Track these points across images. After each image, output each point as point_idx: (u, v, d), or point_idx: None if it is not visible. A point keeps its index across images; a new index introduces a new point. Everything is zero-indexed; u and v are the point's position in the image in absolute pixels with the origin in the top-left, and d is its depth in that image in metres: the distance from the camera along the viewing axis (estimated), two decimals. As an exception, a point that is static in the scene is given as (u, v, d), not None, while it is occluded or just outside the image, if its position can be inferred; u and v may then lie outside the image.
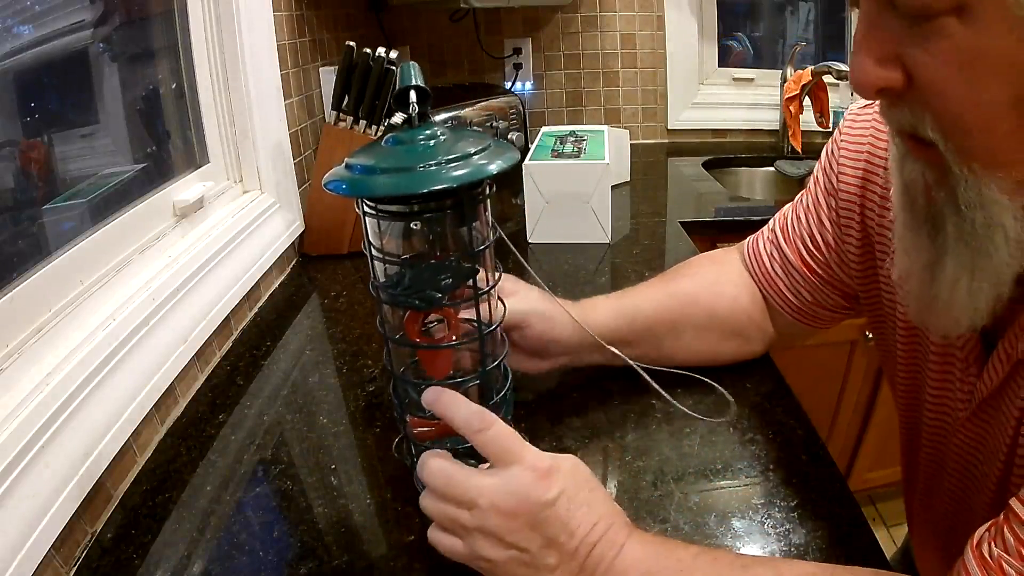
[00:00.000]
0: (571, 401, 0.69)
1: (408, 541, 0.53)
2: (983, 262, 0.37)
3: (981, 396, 0.46)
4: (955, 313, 0.40)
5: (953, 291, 0.40)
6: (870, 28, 0.35)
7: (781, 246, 0.67)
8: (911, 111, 0.36)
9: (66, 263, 0.64)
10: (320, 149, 1.14)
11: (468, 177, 0.41)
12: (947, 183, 0.37)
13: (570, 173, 1.10)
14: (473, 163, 0.41)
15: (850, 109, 0.61)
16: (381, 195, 0.44)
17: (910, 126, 0.37)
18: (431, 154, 0.42)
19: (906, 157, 0.40)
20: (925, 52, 0.33)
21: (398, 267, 0.48)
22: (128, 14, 0.82)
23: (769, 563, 0.43)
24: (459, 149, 0.42)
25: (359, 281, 1.04)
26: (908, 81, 0.35)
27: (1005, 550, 0.35)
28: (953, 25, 0.31)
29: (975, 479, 0.50)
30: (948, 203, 0.38)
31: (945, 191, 0.37)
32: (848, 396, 1.46)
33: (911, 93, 0.35)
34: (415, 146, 0.43)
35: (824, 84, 1.65)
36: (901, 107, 0.36)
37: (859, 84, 0.36)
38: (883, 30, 0.34)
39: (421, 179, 0.40)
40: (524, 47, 1.82)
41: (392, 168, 0.41)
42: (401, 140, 0.44)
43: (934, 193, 0.39)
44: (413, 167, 0.41)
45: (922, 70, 0.34)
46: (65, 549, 0.53)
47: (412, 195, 0.43)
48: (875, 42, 0.35)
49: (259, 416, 0.71)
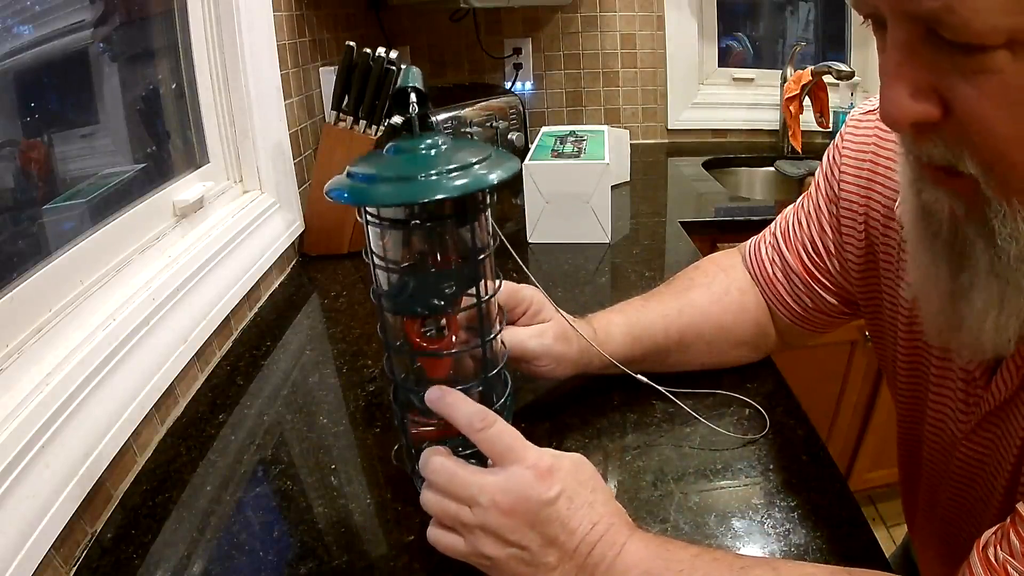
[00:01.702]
0: (571, 401, 0.69)
1: (408, 541, 0.53)
2: (1014, 294, 0.36)
3: (987, 407, 0.46)
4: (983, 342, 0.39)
5: (982, 322, 0.38)
6: (906, 57, 0.32)
7: (782, 251, 0.67)
8: (945, 144, 0.34)
9: (66, 263, 0.64)
10: (320, 149, 1.14)
11: (469, 187, 0.41)
12: (980, 215, 0.35)
13: (570, 173, 1.10)
14: (474, 173, 0.42)
15: (852, 114, 0.60)
16: (382, 204, 0.44)
17: (943, 159, 0.34)
18: (432, 163, 0.42)
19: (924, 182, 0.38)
20: (970, 86, 0.31)
21: (399, 275, 0.48)
22: (128, 14, 0.82)
23: (769, 564, 0.43)
24: (460, 158, 0.43)
25: (359, 281, 1.04)
26: (944, 113, 0.33)
27: (1011, 554, 0.35)
28: (1004, 60, 0.29)
29: (979, 488, 0.50)
30: (980, 235, 0.36)
31: (976, 223, 0.36)
32: (848, 396, 1.46)
33: (947, 126, 0.33)
34: (416, 155, 0.44)
35: (824, 84, 1.65)
36: (933, 139, 0.34)
37: (893, 117, 0.34)
38: (920, 59, 0.32)
39: (422, 188, 0.41)
40: (524, 47, 1.82)
41: (393, 177, 0.42)
42: (402, 149, 0.45)
43: (963, 225, 0.37)
44: (414, 176, 0.41)
45: (965, 104, 0.32)
46: (65, 549, 0.53)
47: (413, 204, 0.44)
48: (910, 72, 0.32)
49: (259, 416, 0.71)
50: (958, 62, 0.31)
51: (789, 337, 0.71)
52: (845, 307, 0.65)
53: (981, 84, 0.31)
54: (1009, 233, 0.34)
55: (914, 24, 0.31)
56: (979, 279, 0.37)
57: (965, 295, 0.39)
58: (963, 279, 0.39)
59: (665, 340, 0.66)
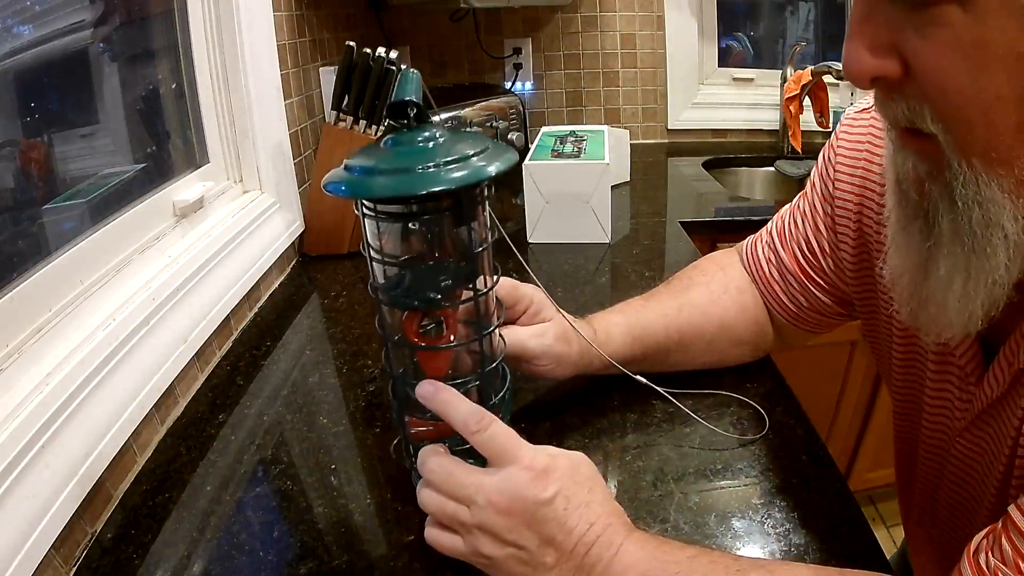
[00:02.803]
0: (571, 401, 0.69)
1: (408, 541, 0.53)
2: (979, 263, 0.36)
3: (981, 405, 0.46)
4: (949, 315, 0.39)
5: (947, 292, 0.38)
6: (866, 15, 0.34)
7: (778, 250, 0.67)
8: (907, 104, 0.35)
9: (66, 263, 0.64)
10: (320, 149, 1.14)
11: (467, 179, 0.41)
12: (942, 177, 0.36)
13: (570, 173, 1.10)
14: (472, 164, 0.42)
15: (847, 113, 0.60)
16: (379, 196, 0.44)
17: (907, 119, 0.35)
18: (430, 156, 0.42)
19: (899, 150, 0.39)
20: (924, 40, 0.32)
21: (397, 268, 0.48)
22: (128, 14, 0.82)
23: (765, 566, 0.43)
24: (458, 151, 0.42)
25: (359, 281, 1.04)
26: (905, 71, 0.33)
27: (1002, 560, 0.35)
28: (954, 13, 0.30)
29: (973, 487, 0.50)
30: (943, 197, 0.36)
31: (939, 185, 0.36)
32: (848, 396, 1.46)
33: (908, 84, 0.34)
34: (414, 147, 0.43)
35: (824, 84, 1.65)
36: (897, 100, 0.35)
37: (853, 73, 0.35)
38: (879, 17, 0.33)
39: (420, 181, 0.40)
40: (524, 47, 1.82)
41: (391, 169, 0.41)
42: (400, 141, 0.44)
43: (927, 186, 0.37)
44: (412, 168, 0.41)
45: (920, 59, 0.32)
46: (65, 549, 0.53)
47: (411, 196, 0.43)
48: (870, 29, 0.34)
49: (259, 416, 0.71)
50: (913, 18, 0.32)
51: (787, 336, 0.71)
52: (840, 307, 0.65)
53: (934, 37, 0.31)
54: (972, 196, 0.34)
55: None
56: (943, 245, 0.38)
57: (933, 264, 0.39)
58: (930, 247, 0.39)
59: (665, 339, 0.66)
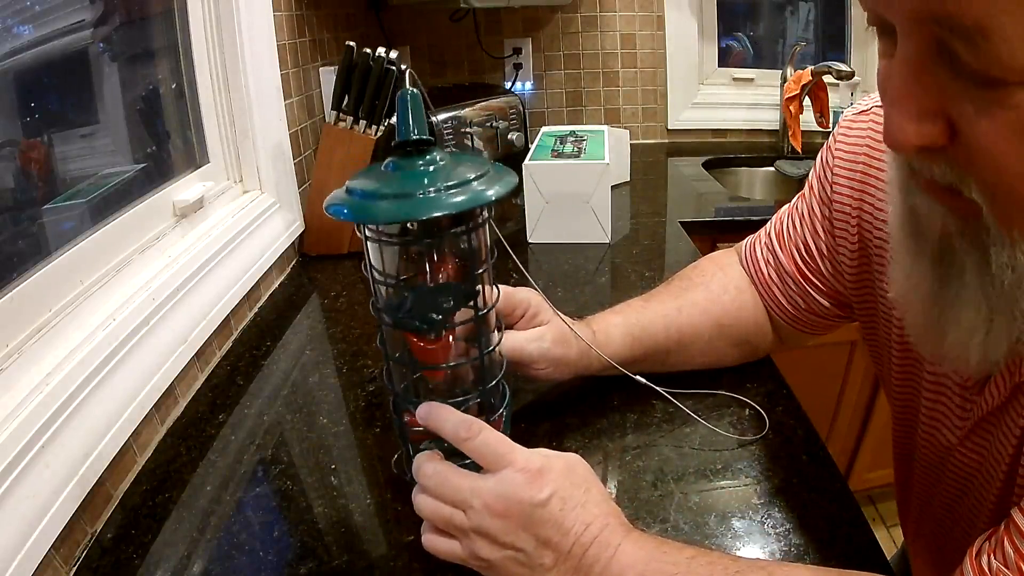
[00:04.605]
0: (572, 401, 0.69)
1: (408, 541, 0.53)
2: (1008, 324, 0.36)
3: (980, 414, 0.45)
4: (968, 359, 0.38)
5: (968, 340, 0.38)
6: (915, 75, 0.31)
7: (776, 252, 0.67)
8: (951, 167, 0.32)
9: (66, 263, 0.64)
10: (320, 149, 1.14)
11: (467, 203, 0.42)
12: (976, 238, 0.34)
13: (570, 173, 1.10)
14: (472, 189, 0.42)
15: (844, 115, 0.59)
16: (382, 221, 0.45)
17: (946, 181, 0.33)
18: (431, 180, 0.42)
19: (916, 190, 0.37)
20: (984, 117, 0.29)
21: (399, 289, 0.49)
22: (128, 14, 0.82)
23: (765, 567, 0.43)
24: (459, 175, 0.43)
25: (359, 281, 1.04)
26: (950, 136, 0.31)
27: (1004, 563, 0.35)
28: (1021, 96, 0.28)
29: (972, 493, 0.50)
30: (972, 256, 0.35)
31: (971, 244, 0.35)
32: (848, 396, 1.46)
33: (954, 149, 0.31)
34: (415, 171, 0.44)
35: (824, 84, 1.65)
36: (938, 160, 0.33)
37: (897, 143, 0.32)
38: (928, 80, 0.30)
39: (422, 205, 0.41)
40: (524, 47, 1.82)
41: (392, 194, 0.42)
42: (401, 165, 0.45)
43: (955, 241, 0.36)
44: (413, 193, 0.42)
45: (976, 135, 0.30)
46: (65, 549, 0.53)
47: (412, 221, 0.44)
48: (919, 92, 0.31)
49: (259, 416, 0.71)
50: (974, 92, 0.29)
51: (786, 337, 0.71)
52: (839, 309, 0.64)
53: (995, 117, 0.29)
54: (1005, 262, 0.33)
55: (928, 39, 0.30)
56: (967, 296, 0.36)
57: (951, 307, 0.38)
58: (949, 292, 0.38)
59: (665, 340, 0.66)
